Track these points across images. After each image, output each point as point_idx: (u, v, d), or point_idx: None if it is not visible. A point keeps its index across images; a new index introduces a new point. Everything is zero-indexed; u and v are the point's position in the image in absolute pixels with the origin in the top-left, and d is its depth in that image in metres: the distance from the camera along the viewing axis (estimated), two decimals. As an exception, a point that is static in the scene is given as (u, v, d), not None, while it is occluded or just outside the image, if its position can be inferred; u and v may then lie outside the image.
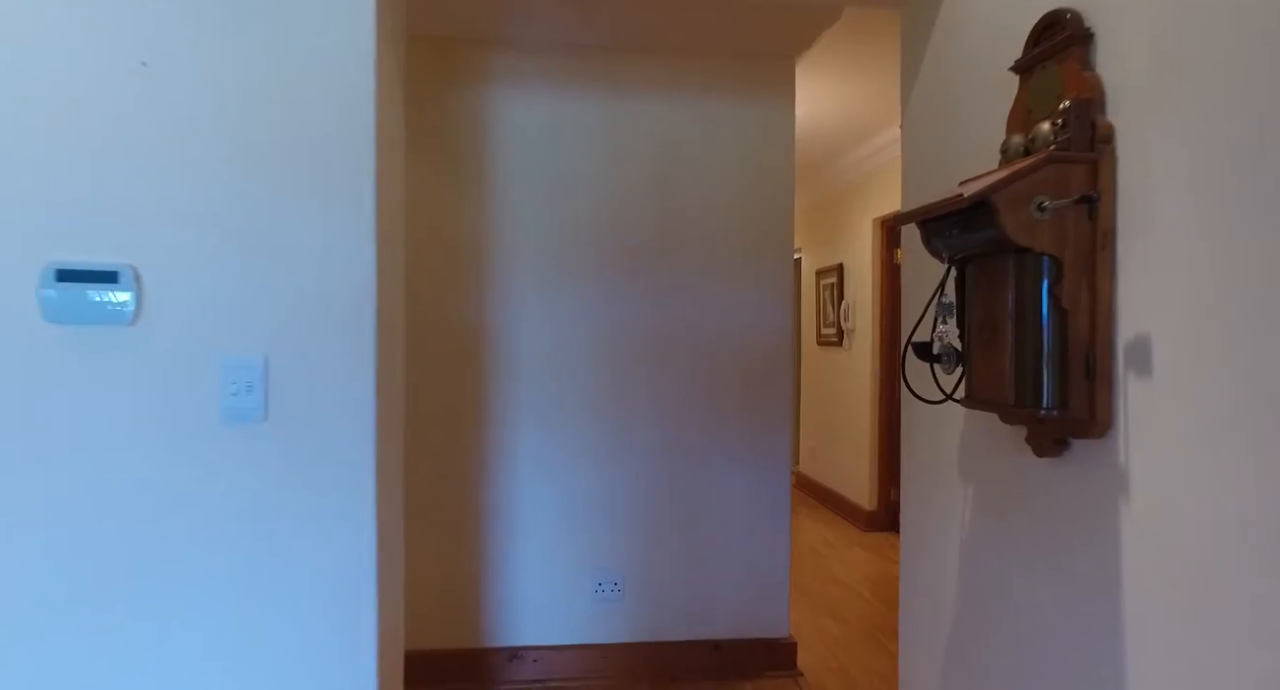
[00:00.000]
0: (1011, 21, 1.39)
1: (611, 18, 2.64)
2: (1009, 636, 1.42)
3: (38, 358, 1.38)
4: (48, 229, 1.39)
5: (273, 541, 1.45)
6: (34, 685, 1.39)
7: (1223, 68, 0.97)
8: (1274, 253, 0.89)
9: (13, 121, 1.37)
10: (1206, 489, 0.98)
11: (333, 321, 1.47)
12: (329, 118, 1.46)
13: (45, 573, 1.39)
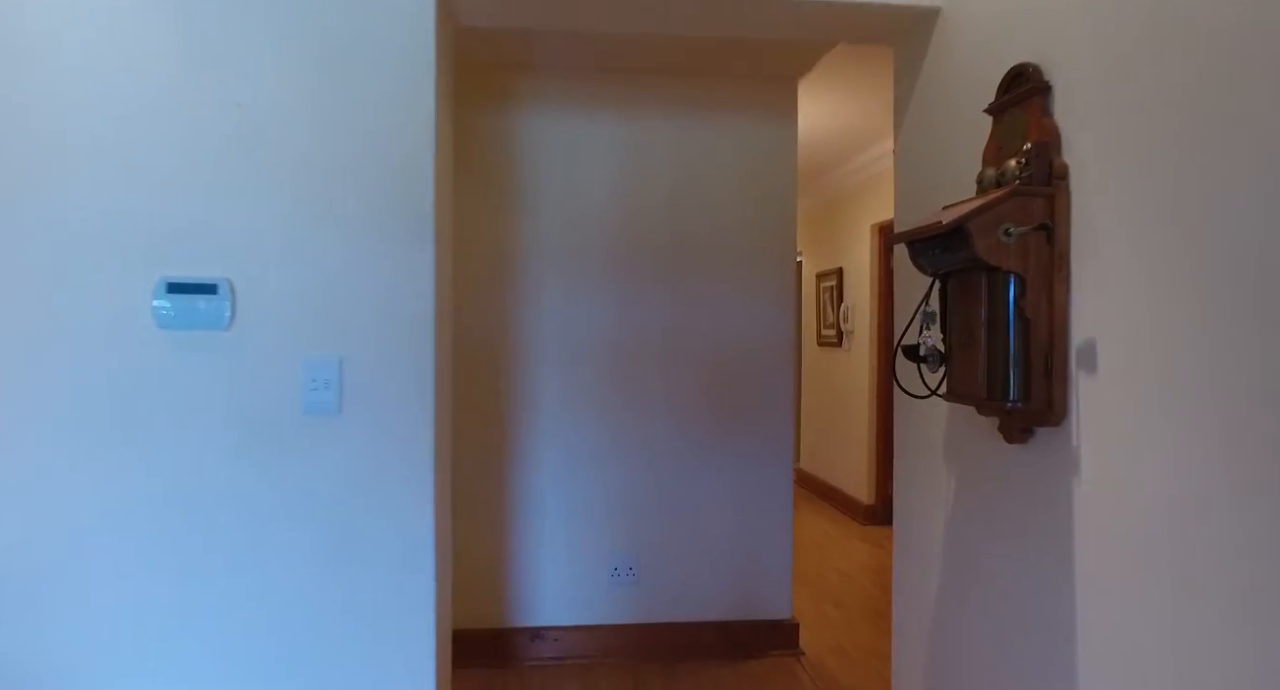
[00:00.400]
0: (986, 70, 1.62)
1: (627, 46, 2.87)
2: (982, 596, 1.64)
3: (152, 358, 1.61)
4: (160, 249, 1.61)
5: (344, 515, 1.68)
6: (148, 625, 1.62)
7: (1148, 120, 1.19)
8: (1190, 274, 1.11)
9: (133, 159, 1.60)
10: (1140, 467, 1.21)
11: (397, 329, 1.70)
12: (396, 157, 1.69)
13: (158, 534, 1.62)
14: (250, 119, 1.64)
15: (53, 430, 1.59)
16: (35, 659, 1.60)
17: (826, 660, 3.16)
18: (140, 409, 1.61)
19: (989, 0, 1.64)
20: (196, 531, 1.63)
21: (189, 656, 1.64)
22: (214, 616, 1.64)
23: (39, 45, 1.59)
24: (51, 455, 1.59)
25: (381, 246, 1.69)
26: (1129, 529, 1.22)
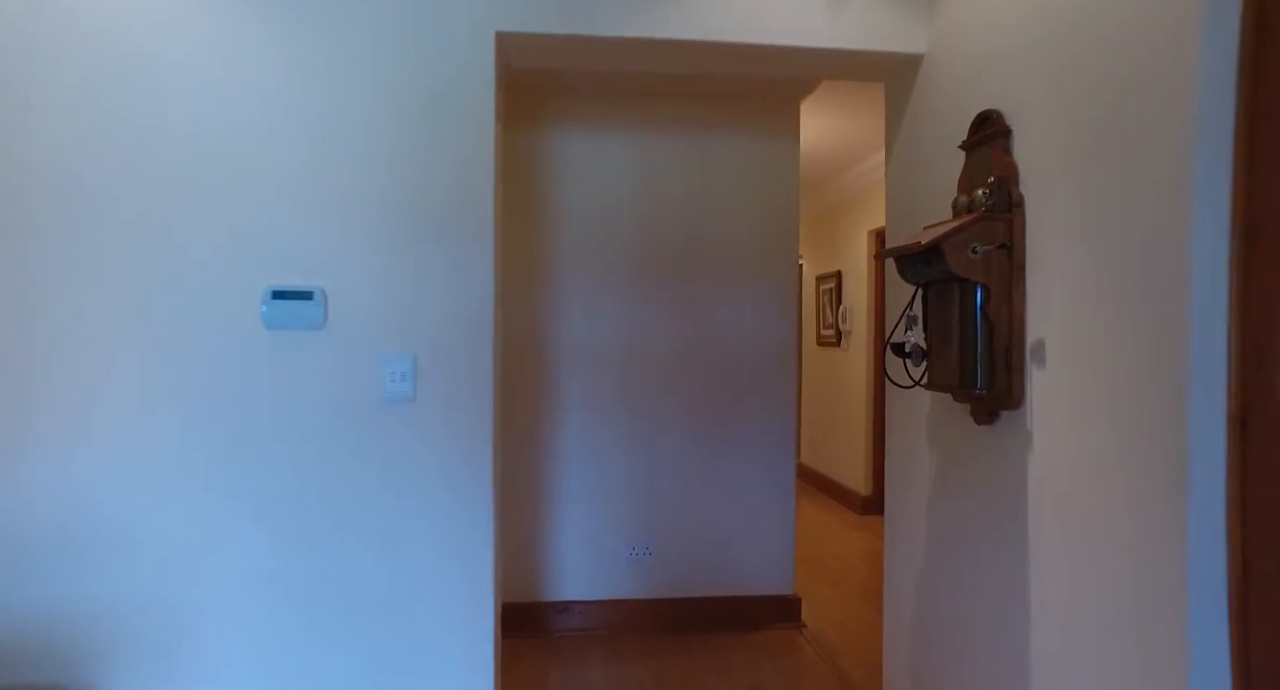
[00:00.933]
0: (960, 112, 1.93)
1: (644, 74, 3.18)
2: (953, 550, 1.95)
3: (260, 353, 1.92)
4: (266, 263, 1.92)
5: (419, 486, 1.98)
6: (252, 575, 1.92)
7: (1078, 165, 1.50)
8: (1107, 288, 1.42)
9: (245, 188, 1.91)
10: (1072, 440, 1.52)
11: (462, 330, 2.00)
12: (460, 182, 2.00)
13: (264, 501, 1.92)
14: (341, 150, 1.95)
15: (180, 411, 1.90)
16: (155, 602, 1.90)
17: (826, 632, 3.47)
18: (251, 394, 1.92)
19: (962, 53, 1.95)
20: (296, 498, 1.94)
21: (285, 604, 1.94)
22: (308, 571, 1.95)
23: (171, 97, 1.89)
24: (179, 433, 1.90)
25: (448, 258, 2.00)
26: (1060, 484, 1.53)
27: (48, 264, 1.86)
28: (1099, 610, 1.44)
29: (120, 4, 1.87)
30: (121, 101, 1.87)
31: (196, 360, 1.90)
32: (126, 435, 1.89)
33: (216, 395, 1.91)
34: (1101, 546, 1.43)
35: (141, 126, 1.88)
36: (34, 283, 1.85)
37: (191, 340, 1.90)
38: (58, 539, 1.86)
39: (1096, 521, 1.45)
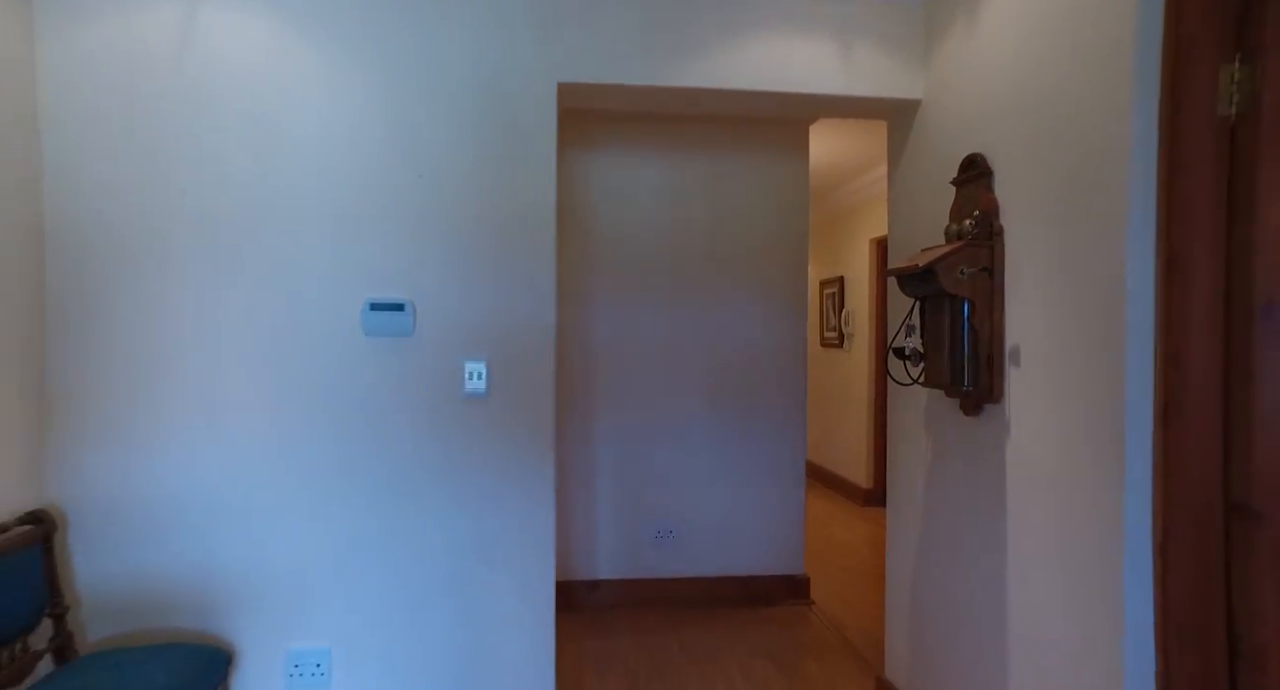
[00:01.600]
0: (951, 153, 2.28)
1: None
2: (945, 519, 2.30)
3: (361, 356, 2.27)
4: (365, 279, 2.27)
5: (492, 471, 2.33)
6: (352, 550, 2.28)
7: (1045, 205, 1.85)
8: (1067, 305, 1.78)
9: (347, 219, 2.26)
10: (1040, 428, 1.87)
11: (528, 337, 2.36)
12: (526, 210, 2.35)
13: (359, 479, 2.28)
14: (425, 186, 2.30)
15: (292, 406, 2.25)
16: (276, 567, 2.26)
17: (832, 607, 3.82)
18: (351, 391, 2.27)
19: (953, 101, 2.30)
20: (389, 478, 2.29)
21: (380, 568, 2.29)
22: (400, 540, 2.30)
23: (294, 158, 2.24)
24: (290, 421, 2.25)
25: (517, 276, 2.35)
26: (1031, 462, 1.89)
27: (189, 289, 2.21)
28: (1060, 560, 1.79)
29: (260, 91, 2.22)
30: (256, 162, 2.23)
31: (307, 363, 2.26)
32: (247, 427, 2.24)
33: (322, 392, 2.27)
34: (1062, 509, 1.79)
35: (270, 181, 2.23)
36: (180, 304, 2.20)
37: (302, 346, 2.25)
38: (195, 516, 2.21)
39: (1058, 490, 1.80)
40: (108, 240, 2.17)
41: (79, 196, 2.16)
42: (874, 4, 2.45)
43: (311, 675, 2.28)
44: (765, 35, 2.42)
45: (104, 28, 2.16)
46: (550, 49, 2.34)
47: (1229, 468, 1.53)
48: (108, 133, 2.17)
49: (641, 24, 2.38)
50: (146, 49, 2.18)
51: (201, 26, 2.20)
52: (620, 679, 3.01)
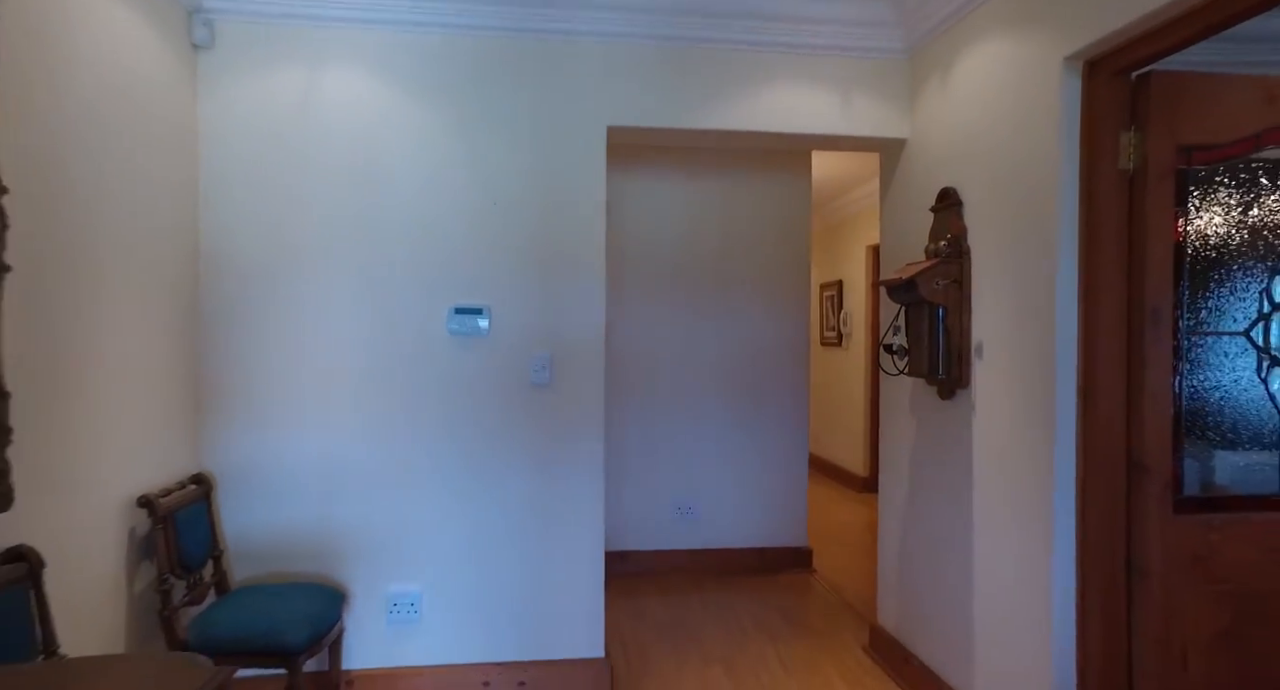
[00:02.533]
0: (930, 185, 2.79)
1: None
2: (926, 484, 2.82)
3: (446, 352, 2.78)
4: (450, 288, 2.78)
5: (552, 449, 2.84)
6: (440, 509, 2.79)
7: (1000, 233, 2.37)
8: (1015, 312, 2.29)
9: (436, 237, 2.77)
10: (997, 406, 2.38)
11: (582, 336, 2.86)
12: (580, 228, 2.85)
13: (443, 456, 2.79)
14: (499, 212, 2.81)
15: (390, 390, 2.76)
16: (378, 523, 2.77)
17: (832, 575, 4.34)
18: (439, 380, 2.78)
19: (932, 142, 2.82)
20: (470, 450, 2.80)
21: (464, 523, 2.80)
22: (478, 502, 2.81)
23: (394, 187, 2.75)
24: (389, 405, 2.76)
25: (572, 285, 2.86)
26: (990, 434, 2.40)
27: (309, 299, 2.72)
28: (1009, 505, 2.31)
29: (366, 136, 2.73)
30: (364, 194, 2.73)
31: (402, 357, 2.77)
32: (354, 411, 2.75)
33: (416, 381, 2.78)
34: (1011, 467, 2.31)
35: (375, 209, 2.74)
36: (302, 311, 2.71)
37: (399, 344, 2.77)
38: (314, 482, 2.72)
39: (1009, 452, 2.32)
40: (247, 259, 2.68)
41: (225, 222, 2.67)
42: (868, 61, 2.96)
43: (406, 612, 2.79)
44: (778, 86, 2.93)
45: (247, 88, 2.67)
46: (601, 99, 2.85)
47: (1129, 433, 2.04)
48: (248, 170, 2.68)
49: (675, 78, 2.89)
50: (279, 104, 2.69)
51: (321, 85, 2.71)
52: (651, 628, 3.52)
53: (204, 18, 2.59)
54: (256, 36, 2.66)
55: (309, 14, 2.66)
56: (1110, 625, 2.05)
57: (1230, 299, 2.08)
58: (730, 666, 3.14)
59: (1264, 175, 2.09)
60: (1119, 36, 1.94)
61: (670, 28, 2.83)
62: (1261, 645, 2.02)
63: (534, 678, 2.83)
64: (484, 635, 2.83)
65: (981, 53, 2.49)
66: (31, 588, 1.65)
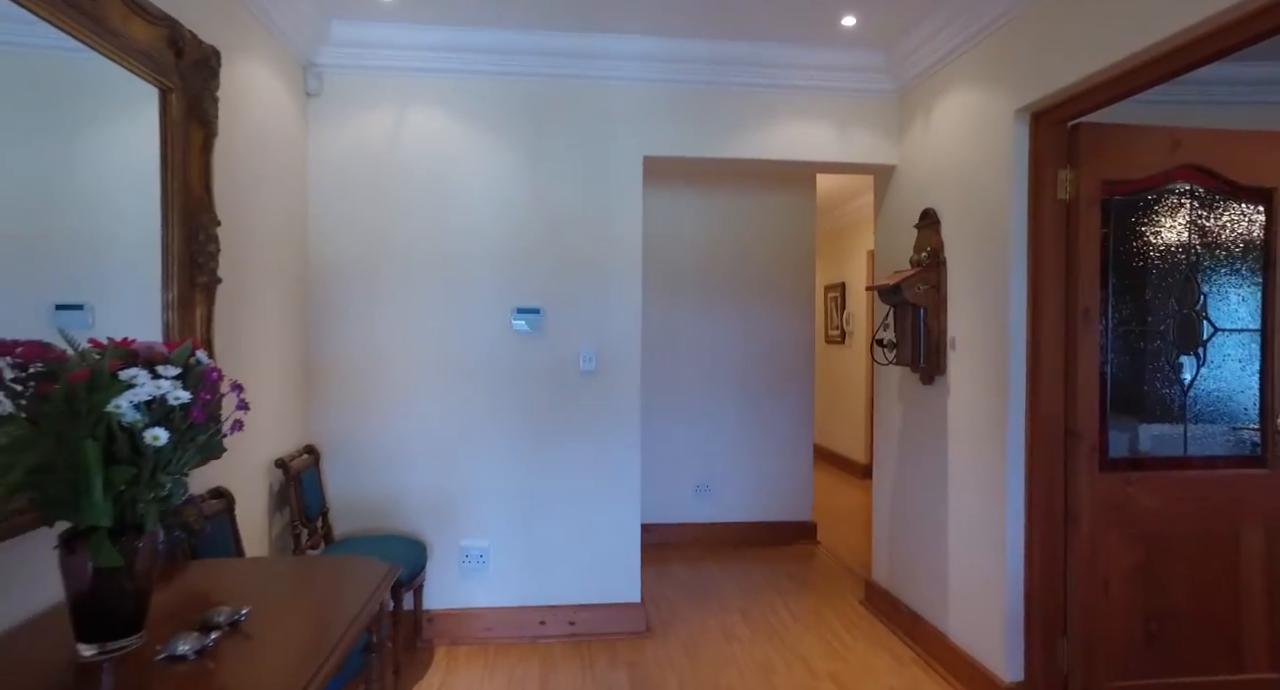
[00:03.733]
0: (914, 205, 3.33)
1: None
2: (911, 458, 3.36)
3: (509, 344, 3.34)
4: (514, 291, 3.33)
5: (599, 426, 3.39)
6: (503, 477, 3.35)
7: (968, 248, 2.91)
8: (980, 313, 2.83)
9: (503, 252, 3.33)
10: (966, 389, 2.92)
11: (623, 331, 3.41)
12: (623, 241, 3.40)
13: (510, 433, 3.34)
14: (557, 228, 3.36)
15: (462, 376, 3.31)
16: (452, 488, 3.32)
17: (835, 547, 4.87)
18: (504, 369, 3.33)
19: (916, 169, 3.35)
20: (528, 427, 3.35)
21: (523, 488, 3.36)
22: (535, 471, 3.36)
23: (468, 207, 3.31)
24: (461, 389, 3.32)
25: (614, 288, 3.40)
26: (961, 411, 2.94)
27: (397, 299, 3.28)
28: (975, 470, 2.85)
29: (443, 164, 3.28)
30: (441, 212, 3.29)
31: (472, 349, 3.32)
32: (433, 393, 3.30)
33: (485, 369, 3.33)
34: (977, 438, 2.84)
35: (451, 225, 3.30)
36: (391, 309, 3.27)
37: (470, 338, 3.32)
38: (399, 452, 3.28)
39: (975, 426, 2.86)
40: (346, 265, 3.24)
41: (328, 234, 3.23)
42: (863, 99, 3.50)
43: (475, 563, 3.35)
44: (787, 121, 3.47)
45: (347, 123, 3.23)
46: (639, 134, 3.40)
47: (1066, 410, 2.58)
48: (347, 191, 3.24)
49: (700, 115, 3.43)
50: (372, 138, 3.24)
51: (406, 122, 3.27)
52: (675, 586, 4.07)
53: (315, 71, 3.15)
54: (355, 84, 3.22)
55: (397, 66, 3.22)
56: (1050, 561, 2.58)
57: (1147, 302, 2.62)
58: (745, 614, 3.68)
59: (1169, 203, 2.63)
60: (1058, 95, 2.47)
61: (696, 74, 3.38)
62: (1166, 576, 2.56)
63: (582, 618, 3.38)
64: (540, 582, 3.38)
65: (954, 99, 3.03)
66: (229, 516, 2.21)
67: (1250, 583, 2.59)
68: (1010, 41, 2.67)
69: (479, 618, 3.34)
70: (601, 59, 3.31)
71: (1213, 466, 2.63)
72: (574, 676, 3.01)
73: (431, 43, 3.20)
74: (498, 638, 3.33)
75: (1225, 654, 2.58)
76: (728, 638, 3.41)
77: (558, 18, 3.08)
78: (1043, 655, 2.58)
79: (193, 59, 2.04)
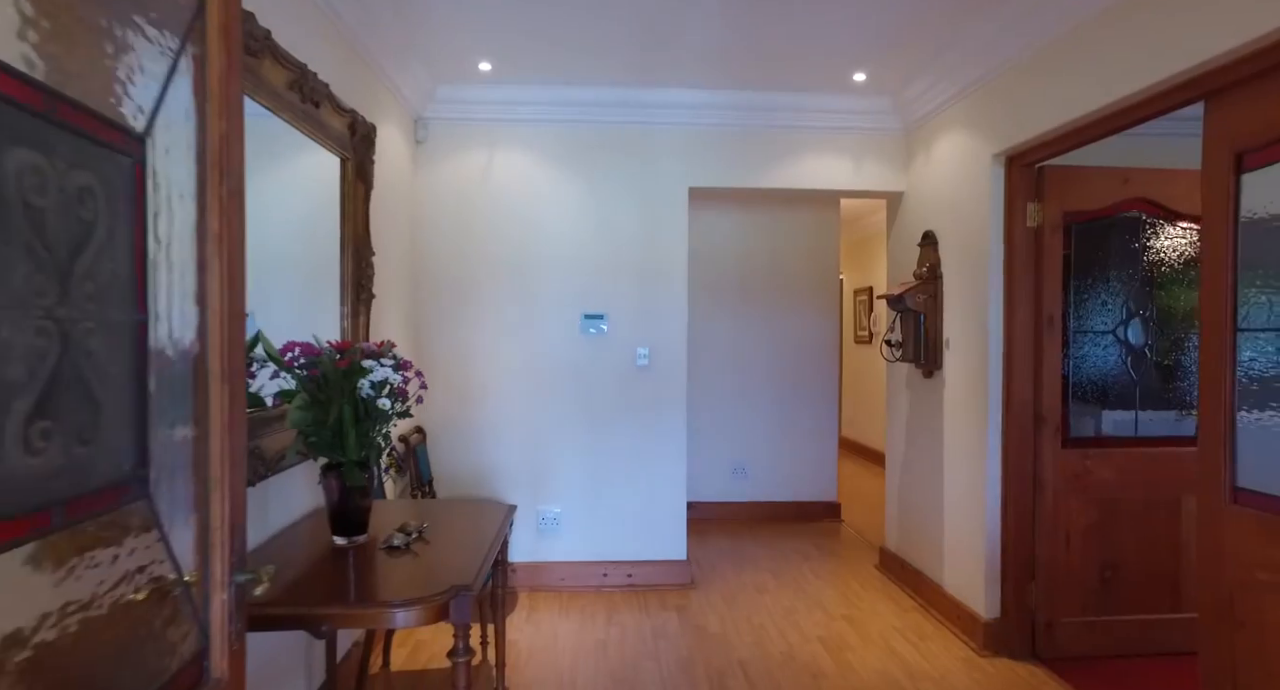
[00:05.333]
0: (918, 227, 3.95)
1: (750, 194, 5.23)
2: (915, 441, 3.97)
3: (578, 344, 4.04)
4: (580, 300, 4.04)
5: (650, 411, 4.08)
6: (574, 455, 4.05)
7: (959, 264, 3.52)
8: (965, 318, 3.44)
9: (573, 268, 4.03)
10: (958, 381, 3.54)
11: (671, 332, 4.09)
12: (669, 257, 4.08)
13: (576, 419, 4.04)
14: (615, 246, 4.05)
15: (539, 373, 4.03)
16: (531, 463, 4.03)
17: (857, 524, 5.49)
18: (572, 366, 4.04)
19: (920, 196, 3.97)
20: (595, 413, 4.05)
21: (590, 465, 4.05)
22: (601, 449, 4.06)
23: (543, 231, 4.02)
24: (540, 381, 4.03)
25: (665, 294, 4.08)
26: (954, 400, 3.56)
27: (488, 307, 4.00)
28: (964, 449, 3.46)
29: (525, 195, 4.00)
30: (523, 234, 4.01)
31: (548, 348, 4.03)
32: (517, 384, 4.02)
33: (556, 367, 4.04)
34: (966, 422, 3.46)
35: (531, 246, 4.01)
36: (482, 315, 4.00)
37: (546, 339, 4.03)
38: (489, 434, 4.01)
39: (964, 412, 3.48)
40: (446, 279, 3.98)
41: (432, 253, 3.97)
42: (875, 136, 4.12)
43: (550, 525, 4.06)
44: (810, 155, 4.11)
45: (446, 164, 3.96)
46: (685, 168, 4.07)
47: (1035, 398, 3.18)
48: (446, 218, 3.97)
49: (736, 151, 4.09)
50: (467, 174, 3.98)
51: (494, 161, 3.99)
52: (715, 552, 4.74)
53: (423, 123, 3.90)
54: (454, 133, 3.96)
55: (487, 117, 3.95)
56: (1021, 520, 3.19)
57: (1102, 309, 3.21)
58: (775, 573, 4.33)
59: (1120, 228, 3.21)
60: (1026, 144, 3.08)
61: (732, 118, 4.04)
62: (1117, 533, 3.15)
63: (638, 571, 4.07)
64: (603, 541, 4.08)
65: (947, 141, 3.65)
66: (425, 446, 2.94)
67: (1187, 539, 3.16)
68: (988, 100, 3.28)
69: (553, 569, 4.05)
70: (653, 107, 3.99)
71: (1159, 445, 3.21)
72: (633, 615, 3.70)
73: (515, 98, 3.91)
74: (569, 586, 4.04)
75: (1166, 596, 3.16)
76: (759, 590, 4.06)
77: (618, 75, 3.77)
78: (1015, 596, 3.19)
79: (361, 134, 2.77)
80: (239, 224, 1.07)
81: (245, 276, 1.10)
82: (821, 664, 3.15)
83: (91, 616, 0.74)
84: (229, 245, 1.04)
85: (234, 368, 1.07)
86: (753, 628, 3.54)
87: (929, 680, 2.99)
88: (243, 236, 1.09)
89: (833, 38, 3.26)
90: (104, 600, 0.77)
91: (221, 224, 1.02)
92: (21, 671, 0.65)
